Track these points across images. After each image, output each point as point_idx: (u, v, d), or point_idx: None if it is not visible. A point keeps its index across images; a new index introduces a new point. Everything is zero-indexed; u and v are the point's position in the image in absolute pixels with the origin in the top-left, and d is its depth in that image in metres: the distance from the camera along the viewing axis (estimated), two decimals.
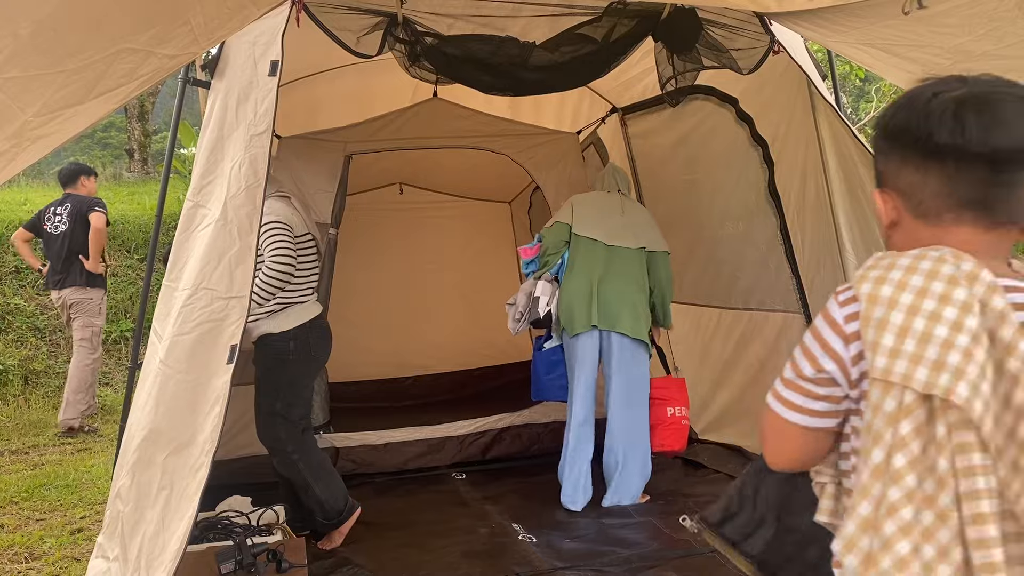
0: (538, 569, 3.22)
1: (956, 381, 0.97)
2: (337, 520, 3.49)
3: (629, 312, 3.89)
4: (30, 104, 2.12)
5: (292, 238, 3.40)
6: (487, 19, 3.13)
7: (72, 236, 6.05)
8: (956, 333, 0.98)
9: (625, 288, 3.94)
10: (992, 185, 1.07)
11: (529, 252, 4.21)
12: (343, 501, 3.52)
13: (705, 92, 4.04)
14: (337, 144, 4.45)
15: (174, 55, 2.39)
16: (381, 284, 5.97)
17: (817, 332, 1.12)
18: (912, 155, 1.10)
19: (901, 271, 1.04)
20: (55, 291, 6.15)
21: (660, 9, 3.16)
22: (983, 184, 1.07)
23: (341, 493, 3.53)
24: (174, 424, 2.42)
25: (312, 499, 3.47)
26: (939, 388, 0.97)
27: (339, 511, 3.50)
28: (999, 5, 2.25)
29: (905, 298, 1.02)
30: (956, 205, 1.09)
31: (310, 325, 3.45)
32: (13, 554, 3.81)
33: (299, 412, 3.48)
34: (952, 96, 1.09)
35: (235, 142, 2.61)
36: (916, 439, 1.00)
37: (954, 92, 1.10)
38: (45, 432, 6.09)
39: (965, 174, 1.07)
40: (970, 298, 1.00)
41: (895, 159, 1.13)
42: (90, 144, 21.27)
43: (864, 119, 15.27)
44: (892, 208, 1.15)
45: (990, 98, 1.09)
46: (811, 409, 1.13)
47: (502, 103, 4.96)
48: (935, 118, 1.08)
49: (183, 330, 2.48)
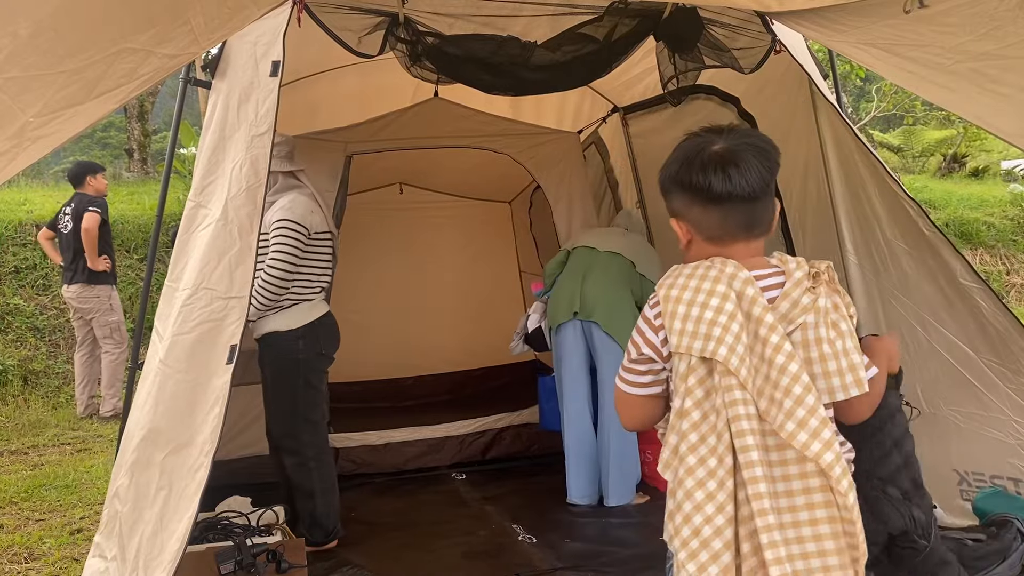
0: (538, 569, 3.22)
1: (717, 346, 1.46)
2: (322, 539, 3.48)
3: (604, 306, 3.94)
4: (31, 104, 2.12)
5: (302, 240, 3.39)
6: (488, 19, 3.12)
7: (76, 235, 6.38)
8: (718, 315, 1.47)
9: (608, 285, 4.00)
10: (751, 213, 1.56)
11: (538, 285, 4.46)
12: (334, 523, 3.52)
13: (706, 92, 4.03)
14: (338, 144, 4.44)
15: (174, 55, 2.39)
16: (381, 284, 5.96)
17: (639, 328, 1.60)
18: (696, 199, 1.57)
19: (684, 278, 1.55)
20: (64, 285, 6.53)
21: (661, 8, 3.16)
22: (745, 214, 1.56)
23: (336, 514, 3.53)
24: (173, 424, 2.42)
25: (307, 509, 3.46)
26: (708, 352, 1.47)
27: (327, 532, 3.49)
28: (1000, 4, 2.25)
29: (685, 295, 1.52)
30: (732, 230, 1.57)
31: (318, 323, 3.45)
32: (12, 554, 3.81)
33: (320, 411, 3.48)
34: (716, 151, 1.55)
35: (236, 142, 2.61)
36: (699, 387, 1.50)
37: (717, 147, 1.55)
38: (44, 432, 6.09)
39: (735, 209, 1.55)
40: (728, 290, 1.49)
41: (684, 201, 1.60)
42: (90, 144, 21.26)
43: (865, 119, 15.26)
44: (686, 233, 1.63)
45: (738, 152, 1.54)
46: (641, 382, 1.61)
47: (503, 103, 4.96)
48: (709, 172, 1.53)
49: (183, 330, 2.48)
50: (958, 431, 3.27)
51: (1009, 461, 3.13)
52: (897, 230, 3.33)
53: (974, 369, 3.18)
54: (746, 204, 1.54)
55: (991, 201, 12.00)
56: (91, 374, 6.62)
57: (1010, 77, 2.36)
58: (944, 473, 3.33)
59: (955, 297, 3.18)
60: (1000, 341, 3.09)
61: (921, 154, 17.15)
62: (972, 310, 3.14)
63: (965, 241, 10.76)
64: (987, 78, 2.41)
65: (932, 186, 13.36)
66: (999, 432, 3.15)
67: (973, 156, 16.30)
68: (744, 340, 1.46)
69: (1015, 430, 3.11)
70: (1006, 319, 3.06)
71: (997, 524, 2.74)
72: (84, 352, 6.59)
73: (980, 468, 3.22)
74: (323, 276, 3.55)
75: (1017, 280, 10.70)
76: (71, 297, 6.46)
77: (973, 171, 15.78)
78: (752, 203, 1.55)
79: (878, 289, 3.46)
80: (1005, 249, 11.01)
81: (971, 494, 3.19)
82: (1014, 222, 11.42)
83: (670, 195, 1.63)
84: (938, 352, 3.28)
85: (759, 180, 1.53)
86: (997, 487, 3.14)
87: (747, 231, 1.57)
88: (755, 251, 1.60)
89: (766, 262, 1.59)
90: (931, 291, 3.26)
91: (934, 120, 17.24)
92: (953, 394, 3.26)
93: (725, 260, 1.54)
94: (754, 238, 1.59)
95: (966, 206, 11.66)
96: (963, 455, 3.27)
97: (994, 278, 10.40)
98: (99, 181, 6.64)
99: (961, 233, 10.80)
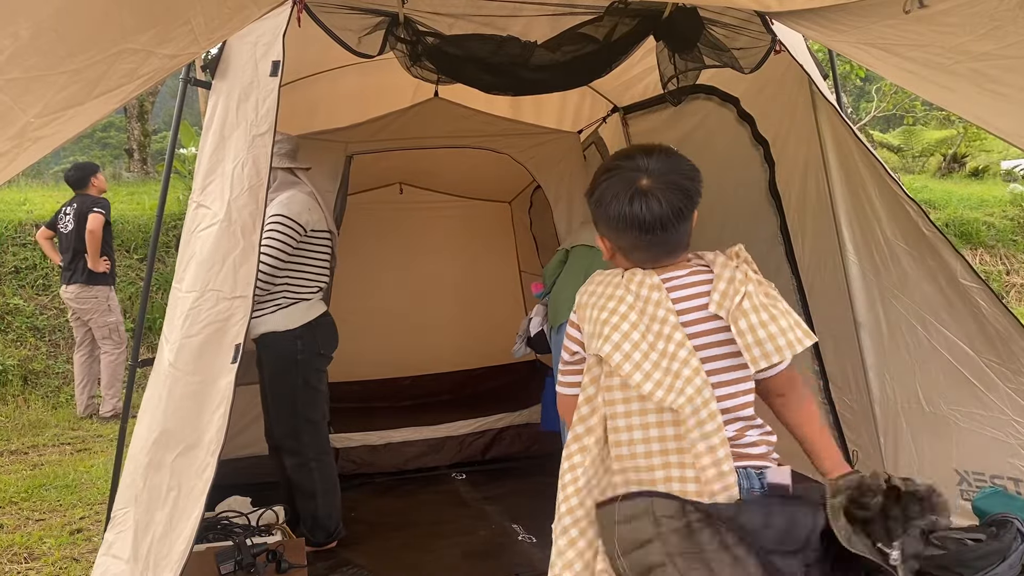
0: (538, 569, 3.22)
1: (603, 344, 1.65)
2: (323, 540, 3.48)
3: None
4: (32, 105, 2.11)
5: (293, 236, 3.39)
6: (488, 19, 3.12)
7: (77, 235, 6.40)
8: (611, 316, 1.67)
9: None
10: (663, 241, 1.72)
11: (538, 286, 4.44)
12: (336, 524, 3.51)
13: (706, 92, 4.03)
14: (338, 144, 4.45)
15: (174, 55, 2.39)
16: (381, 284, 5.96)
17: (568, 332, 1.80)
18: (613, 224, 1.74)
19: (595, 284, 1.77)
20: (63, 286, 6.56)
21: (661, 8, 3.16)
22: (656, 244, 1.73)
23: (338, 515, 3.53)
24: (182, 426, 2.43)
25: (309, 509, 3.46)
26: (598, 350, 1.65)
27: (329, 532, 3.49)
28: (1000, 4, 2.25)
29: (592, 300, 1.73)
30: (644, 255, 1.75)
31: (316, 323, 3.44)
32: (12, 554, 3.81)
33: (320, 411, 3.48)
34: (623, 183, 1.70)
35: (237, 142, 2.61)
36: (592, 385, 1.70)
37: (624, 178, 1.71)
38: (44, 432, 6.09)
39: (645, 238, 1.71)
40: (625, 294, 1.69)
41: (601, 222, 1.78)
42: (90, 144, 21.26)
43: (865, 119, 15.26)
44: (608, 248, 1.83)
45: (645, 188, 1.68)
46: (577, 382, 1.77)
47: (503, 103, 4.96)
48: (618, 203, 1.69)
49: (190, 332, 2.48)
50: (958, 431, 3.27)
51: (1009, 461, 3.13)
52: (897, 230, 3.33)
53: (974, 369, 3.18)
54: (656, 232, 1.70)
55: (991, 201, 12.00)
56: (91, 374, 6.63)
57: (1010, 77, 2.35)
58: (944, 473, 3.33)
59: (955, 297, 3.18)
60: (1000, 341, 3.09)
61: (921, 154, 17.15)
62: (972, 310, 3.14)
63: (965, 241, 10.76)
64: (987, 78, 2.41)
65: (932, 186, 13.37)
66: (999, 432, 3.15)
67: (973, 156, 16.31)
68: (634, 339, 1.64)
69: (1015, 430, 3.11)
70: (1006, 319, 3.06)
71: (997, 524, 2.74)
72: (84, 352, 6.60)
73: (980, 468, 3.22)
74: (321, 275, 3.55)
75: (1017, 280, 10.70)
76: (69, 298, 6.47)
77: (973, 171, 15.78)
78: (662, 231, 1.70)
79: (878, 289, 3.46)
80: (1005, 249, 11.01)
81: (971, 494, 3.19)
82: (1014, 222, 11.42)
83: (592, 214, 1.81)
84: (938, 352, 3.28)
85: (667, 208, 1.68)
86: (997, 487, 3.14)
87: (659, 255, 1.75)
88: (665, 261, 1.76)
89: (684, 263, 1.77)
90: (931, 291, 3.26)
91: (934, 120, 17.24)
92: (953, 394, 3.26)
93: (634, 269, 1.74)
94: (669, 255, 1.76)
95: (966, 206, 11.67)
96: (963, 455, 3.27)
97: (994, 278, 10.40)
98: (100, 180, 6.70)
99: (961, 233, 10.81)
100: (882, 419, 3.57)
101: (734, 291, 1.67)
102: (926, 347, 3.31)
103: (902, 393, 3.46)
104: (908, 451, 3.48)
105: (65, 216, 6.55)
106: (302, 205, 3.43)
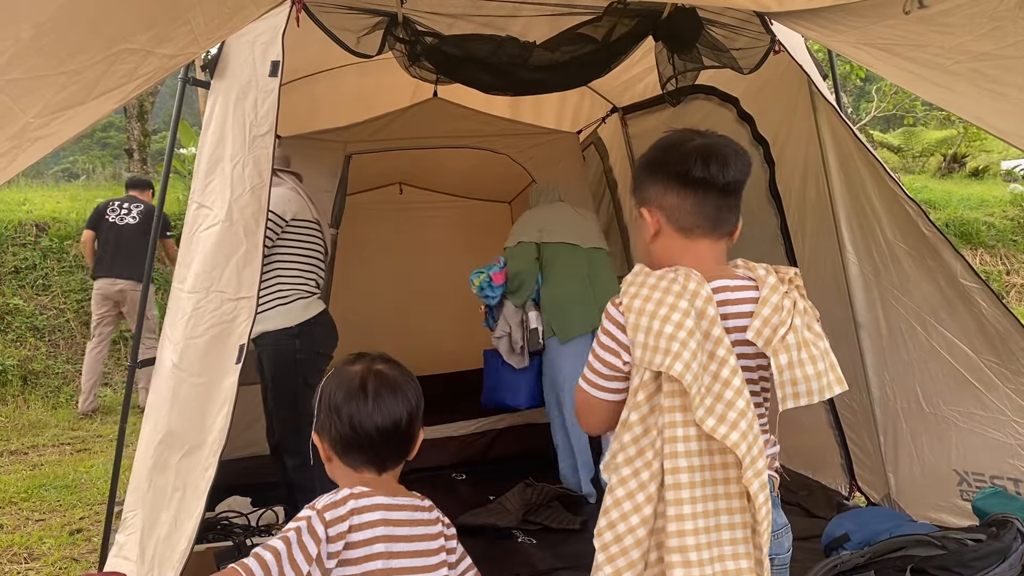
0: (538, 569, 3.22)
1: (674, 361, 1.47)
2: None
3: None
4: (32, 105, 2.11)
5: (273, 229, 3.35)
6: (487, 19, 3.12)
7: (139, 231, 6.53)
8: (677, 330, 1.48)
9: (614, 289, 3.93)
10: (723, 206, 1.62)
11: (500, 277, 4.16)
12: None
13: (706, 92, 4.03)
14: (337, 144, 4.44)
15: (174, 55, 2.38)
16: (381, 283, 5.96)
17: (610, 333, 1.59)
18: (673, 185, 1.62)
19: (648, 289, 1.55)
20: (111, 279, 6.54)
21: (660, 9, 3.16)
22: (718, 206, 1.62)
23: None
24: (188, 427, 2.43)
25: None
26: (664, 366, 1.48)
27: None
28: (1000, 4, 2.25)
29: (648, 307, 1.52)
30: (702, 221, 1.62)
31: (314, 321, 3.44)
32: (12, 554, 3.81)
33: None
34: (699, 143, 1.62)
35: (236, 142, 2.61)
36: (647, 403, 1.54)
37: (699, 140, 1.62)
38: (44, 432, 6.08)
39: (709, 199, 1.61)
40: (689, 307, 1.51)
41: (660, 187, 1.64)
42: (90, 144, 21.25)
43: (865, 119, 15.26)
44: (655, 223, 1.66)
45: (720, 147, 1.61)
46: (612, 388, 1.62)
47: (502, 103, 4.96)
48: (690, 159, 1.59)
49: (195, 333, 2.48)
50: (958, 431, 3.27)
51: (1009, 461, 3.13)
52: (897, 230, 3.33)
53: (974, 369, 3.18)
54: (720, 196, 1.61)
55: (991, 201, 12.00)
56: (101, 373, 6.64)
57: (1010, 77, 2.35)
58: (944, 473, 3.33)
59: (955, 297, 3.18)
60: (1000, 341, 3.09)
61: (921, 154, 17.14)
62: (972, 310, 3.14)
63: (965, 241, 10.76)
64: (987, 78, 2.41)
65: (932, 186, 13.36)
66: (999, 432, 3.15)
67: (973, 156, 16.30)
68: (700, 359, 1.49)
69: (1015, 430, 3.11)
70: (1006, 319, 3.06)
71: (997, 524, 2.74)
72: (100, 349, 6.62)
73: (980, 468, 3.22)
74: (312, 268, 3.52)
75: (1017, 280, 10.69)
76: (124, 288, 6.47)
77: (973, 171, 15.77)
78: (726, 196, 1.62)
79: (878, 289, 3.46)
80: (1005, 249, 11.01)
81: (971, 494, 3.19)
82: (1014, 222, 11.42)
83: (646, 183, 1.68)
84: (938, 352, 3.28)
85: (735, 175, 1.61)
86: (997, 487, 3.14)
87: (715, 226, 1.63)
88: (719, 254, 1.66)
89: (732, 271, 1.64)
90: (931, 291, 3.26)
91: (934, 120, 17.24)
92: (953, 394, 3.26)
93: (689, 272, 1.56)
94: (719, 237, 1.65)
95: (966, 206, 11.66)
96: (963, 455, 3.27)
97: (994, 278, 10.40)
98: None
99: (961, 233, 10.80)
100: (882, 419, 3.57)
101: (779, 321, 1.54)
102: (926, 347, 3.31)
103: (902, 393, 3.46)
104: (908, 451, 3.48)
105: (122, 209, 6.63)
106: (279, 196, 3.41)
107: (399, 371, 1.64)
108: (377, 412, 1.57)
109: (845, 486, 3.87)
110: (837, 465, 3.88)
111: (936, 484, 3.36)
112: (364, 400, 1.57)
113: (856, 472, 3.83)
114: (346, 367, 1.64)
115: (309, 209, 3.55)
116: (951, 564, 2.57)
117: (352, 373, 1.61)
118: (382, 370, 1.61)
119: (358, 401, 1.57)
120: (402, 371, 1.64)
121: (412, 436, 1.63)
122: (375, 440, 1.57)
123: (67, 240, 8.36)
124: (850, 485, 3.86)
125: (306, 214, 3.51)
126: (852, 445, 3.82)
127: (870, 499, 3.74)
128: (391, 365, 1.64)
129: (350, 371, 1.62)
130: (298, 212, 3.47)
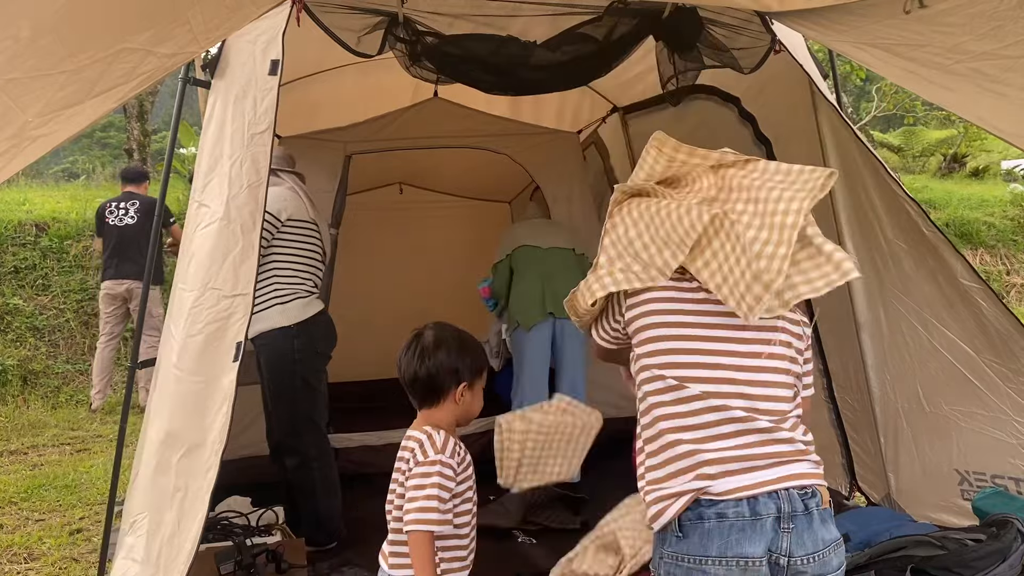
0: (538, 569, 3.22)
1: None
2: (325, 540, 3.47)
3: None
4: (31, 105, 2.12)
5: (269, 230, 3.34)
6: (488, 18, 3.12)
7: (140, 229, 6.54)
8: None
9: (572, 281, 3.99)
10: None
11: (486, 292, 4.62)
12: (337, 523, 3.50)
13: (706, 92, 4.03)
14: (337, 144, 4.44)
15: (173, 54, 2.39)
16: (381, 284, 5.96)
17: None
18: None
19: None
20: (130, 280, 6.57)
21: (661, 8, 3.15)
22: None
23: (339, 514, 3.52)
24: (187, 427, 2.43)
25: (310, 509, 3.45)
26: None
27: (330, 532, 3.48)
28: (1000, 4, 2.25)
29: None
30: None
31: (312, 321, 3.43)
32: (12, 555, 3.81)
33: (320, 411, 3.47)
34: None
35: (235, 141, 2.61)
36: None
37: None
38: (44, 432, 6.08)
39: None
40: None
41: None
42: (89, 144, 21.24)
43: (865, 119, 15.25)
44: None
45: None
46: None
47: (503, 103, 4.95)
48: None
49: (192, 331, 2.48)
50: (959, 431, 3.27)
51: (1010, 461, 3.13)
52: (897, 230, 3.33)
53: (975, 369, 3.18)
54: None
55: (991, 201, 11.99)
56: (112, 370, 6.65)
57: (1010, 77, 2.35)
58: (945, 473, 3.33)
59: (955, 297, 3.18)
60: (1000, 341, 3.08)
61: (921, 154, 17.14)
62: (972, 310, 3.14)
63: (965, 241, 10.76)
64: (987, 78, 2.41)
65: (932, 186, 13.36)
66: (1000, 432, 3.15)
67: (973, 156, 16.30)
68: None
69: (1016, 430, 3.11)
70: (1006, 319, 3.06)
71: (997, 524, 2.74)
72: (112, 347, 6.63)
73: (981, 468, 3.22)
74: (310, 268, 3.50)
75: (1017, 280, 10.69)
76: (131, 287, 6.49)
77: (973, 171, 15.77)
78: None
79: (879, 289, 3.45)
80: (1005, 249, 11.01)
81: (972, 494, 3.19)
82: (1014, 222, 11.42)
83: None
84: (939, 352, 3.28)
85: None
86: (998, 487, 3.13)
87: None
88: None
89: None
90: (931, 291, 3.26)
91: (934, 120, 17.24)
92: (954, 394, 3.26)
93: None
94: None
95: (966, 206, 11.66)
96: (964, 455, 3.27)
97: (994, 278, 10.40)
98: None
99: (961, 233, 10.80)
100: (882, 419, 3.57)
101: None
102: (927, 347, 3.31)
103: (903, 393, 3.46)
104: (908, 451, 3.48)
105: (119, 208, 6.65)
106: (275, 196, 3.40)
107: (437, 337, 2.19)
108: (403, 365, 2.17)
109: (846, 486, 3.87)
110: (838, 465, 3.88)
111: (937, 484, 3.36)
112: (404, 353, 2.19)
113: (857, 472, 3.83)
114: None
115: (307, 209, 3.54)
116: (951, 564, 2.57)
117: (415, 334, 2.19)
118: (421, 332, 2.20)
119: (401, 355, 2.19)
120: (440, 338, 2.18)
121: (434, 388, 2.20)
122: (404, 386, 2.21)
123: (67, 240, 8.35)
124: (851, 485, 3.86)
125: (303, 214, 3.50)
126: (853, 444, 3.82)
127: (870, 499, 3.74)
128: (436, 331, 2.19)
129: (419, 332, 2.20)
130: (294, 212, 3.46)
